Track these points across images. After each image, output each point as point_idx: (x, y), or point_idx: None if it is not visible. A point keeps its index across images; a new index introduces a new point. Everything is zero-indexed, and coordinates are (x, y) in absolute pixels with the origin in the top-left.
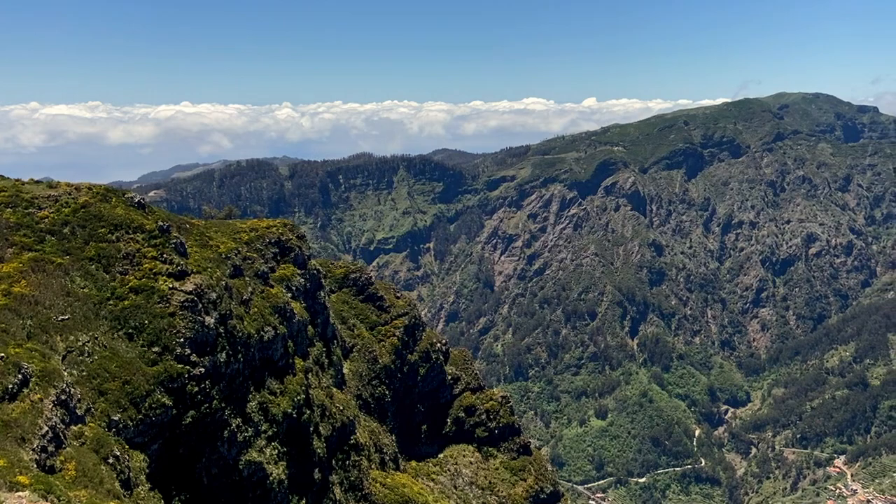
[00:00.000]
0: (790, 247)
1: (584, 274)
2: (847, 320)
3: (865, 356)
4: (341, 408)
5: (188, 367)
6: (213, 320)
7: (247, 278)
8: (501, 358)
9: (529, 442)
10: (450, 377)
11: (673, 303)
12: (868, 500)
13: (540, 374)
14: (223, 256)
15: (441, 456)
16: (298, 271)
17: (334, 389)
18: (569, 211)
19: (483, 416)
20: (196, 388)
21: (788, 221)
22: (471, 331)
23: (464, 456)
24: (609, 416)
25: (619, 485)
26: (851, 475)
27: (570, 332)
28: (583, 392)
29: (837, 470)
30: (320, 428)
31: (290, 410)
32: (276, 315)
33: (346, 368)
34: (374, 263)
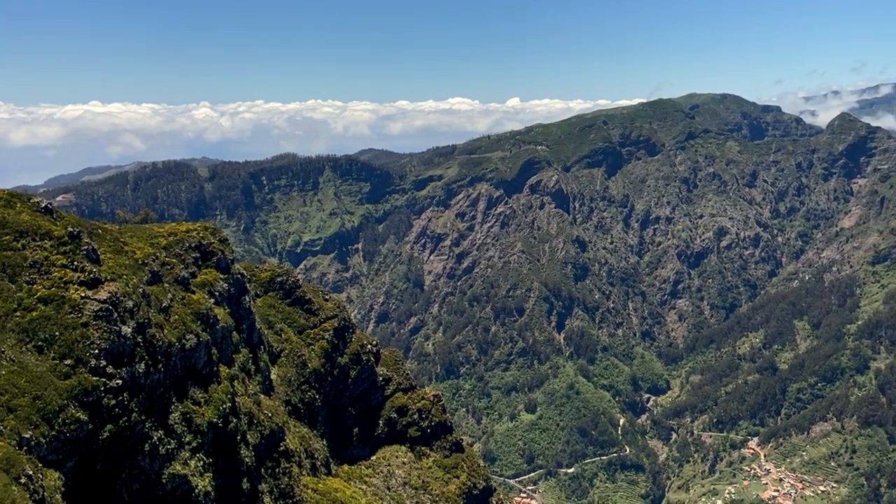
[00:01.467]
0: (703, 240)
1: (512, 271)
2: (756, 309)
3: (774, 342)
4: (270, 415)
5: (104, 379)
6: (130, 329)
7: (166, 285)
8: (433, 357)
9: (462, 439)
10: (381, 378)
11: (596, 297)
12: (780, 479)
13: (471, 371)
14: (140, 263)
15: (374, 458)
16: (221, 276)
17: (262, 396)
18: (496, 209)
19: (415, 416)
20: (113, 402)
21: (701, 216)
22: (401, 331)
23: (396, 457)
24: (538, 409)
25: (549, 476)
26: (764, 455)
27: (500, 329)
28: (513, 387)
29: (751, 451)
30: (248, 436)
31: (215, 420)
32: (199, 322)
33: (273, 374)
34: (302, 266)
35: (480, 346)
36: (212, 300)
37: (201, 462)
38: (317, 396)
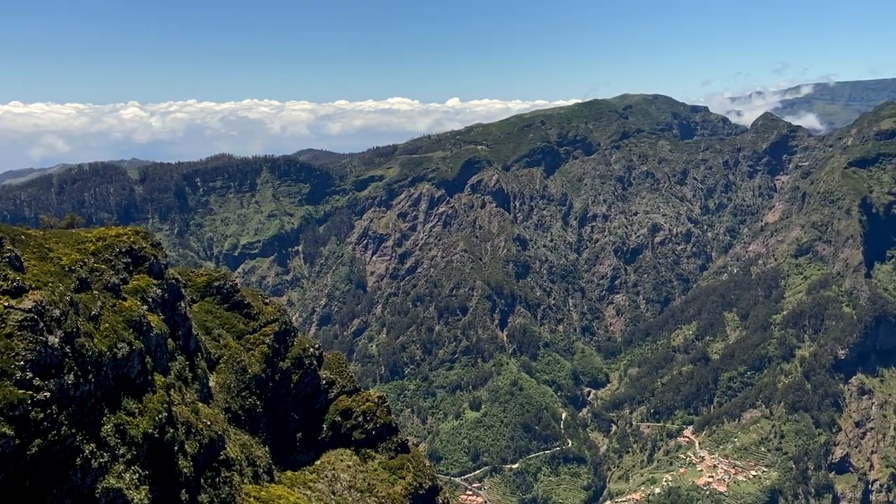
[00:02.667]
0: (638, 237)
1: (455, 270)
2: (689, 302)
3: (706, 333)
4: (208, 423)
5: (31, 392)
6: (57, 339)
7: (95, 292)
8: (377, 358)
9: (407, 440)
10: (324, 382)
11: (538, 294)
12: (714, 465)
13: (415, 371)
14: (67, 269)
15: (318, 463)
16: (154, 281)
17: (200, 404)
18: (437, 209)
19: (360, 419)
20: (41, 415)
21: (636, 213)
22: (345, 333)
23: (341, 460)
24: (483, 406)
25: (494, 473)
26: (699, 443)
27: (444, 328)
28: (457, 386)
29: (687, 439)
30: (186, 446)
31: (150, 431)
32: (131, 330)
33: (212, 381)
34: (240, 269)
35: (425, 345)
36: (145, 307)
37: (137, 474)
38: (258, 402)
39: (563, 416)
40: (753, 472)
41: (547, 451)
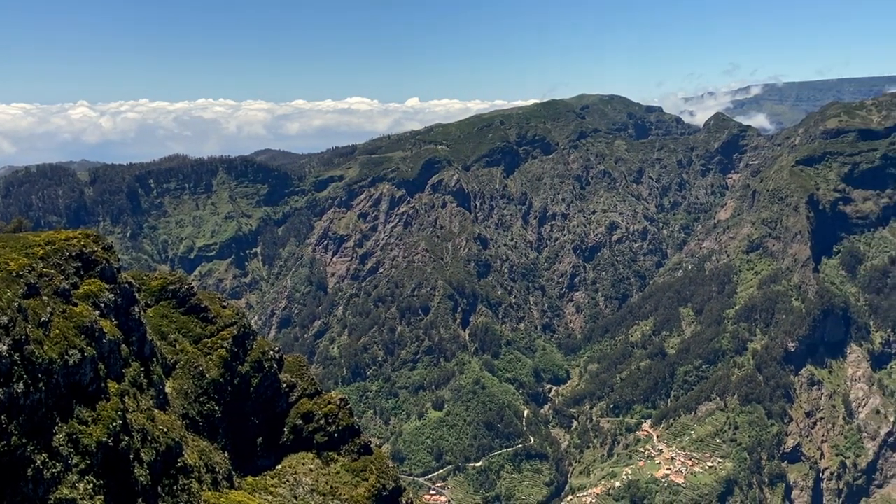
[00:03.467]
0: (596, 235)
1: (417, 270)
2: (646, 298)
3: (662, 329)
4: (165, 430)
5: None
6: (5, 347)
7: (45, 297)
8: (338, 360)
9: (370, 441)
10: (285, 385)
11: (499, 293)
12: (672, 458)
13: (378, 372)
14: (14, 275)
15: (279, 467)
16: (107, 286)
17: (156, 411)
18: (398, 209)
19: (322, 421)
20: None
21: (594, 212)
22: (305, 335)
23: (303, 464)
24: (446, 406)
25: (457, 472)
26: (657, 436)
27: (406, 329)
28: (420, 386)
29: (645, 433)
30: (142, 454)
31: (104, 439)
32: (83, 336)
33: (168, 387)
34: (196, 272)
35: (387, 346)
36: (97, 312)
37: (91, 484)
38: (216, 408)
39: (525, 413)
40: (709, 464)
41: (509, 449)
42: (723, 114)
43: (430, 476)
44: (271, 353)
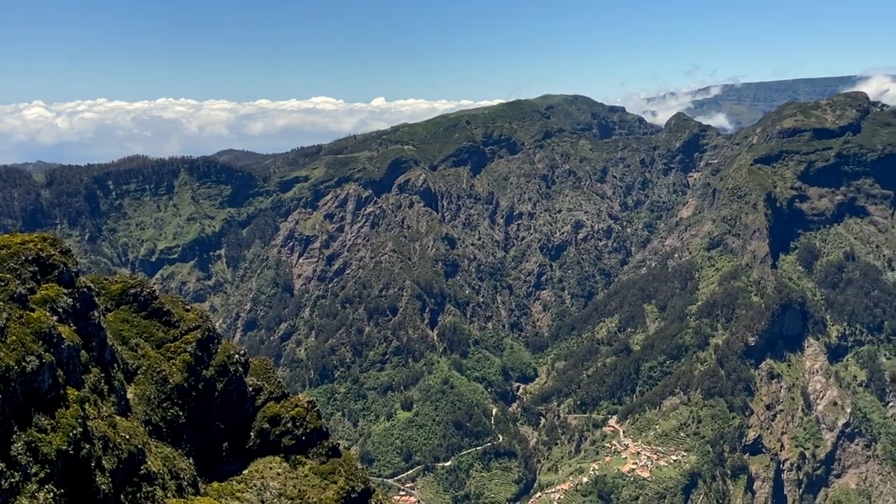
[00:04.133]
0: (562, 233)
1: (384, 271)
2: (611, 295)
3: (627, 325)
4: (127, 437)
5: None
6: None
7: (0, 303)
8: (305, 362)
9: (338, 443)
10: (251, 389)
11: (467, 292)
12: (637, 452)
13: (346, 374)
14: None
15: (246, 472)
16: (65, 291)
17: (118, 418)
18: (365, 209)
19: (289, 425)
20: None
21: (560, 211)
22: (271, 338)
23: (270, 468)
24: (415, 406)
25: (426, 472)
26: (623, 432)
27: (374, 329)
28: (388, 387)
29: (612, 429)
30: (103, 462)
31: (64, 447)
32: (40, 342)
33: (130, 393)
34: (158, 275)
35: (354, 347)
36: (55, 318)
37: (51, 494)
38: (180, 413)
39: (494, 411)
40: (674, 457)
41: (478, 448)
42: (684, 114)
43: (399, 477)
44: (236, 356)
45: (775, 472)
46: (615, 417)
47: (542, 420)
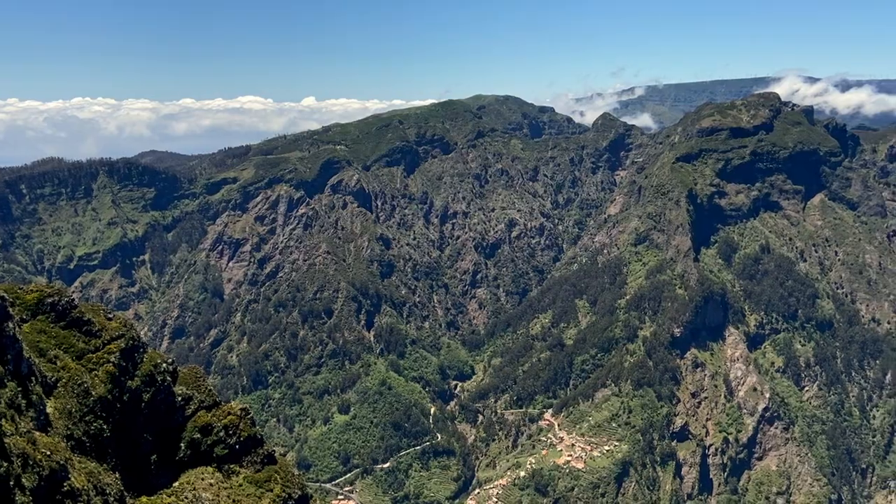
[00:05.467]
0: (496, 232)
1: (318, 273)
2: (544, 292)
3: (560, 321)
4: (48, 453)
5: None
6: None
7: None
8: (238, 369)
9: (274, 450)
10: (180, 398)
11: (403, 292)
12: (572, 444)
13: (280, 379)
14: None
15: (176, 484)
16: None
17: (37, 433)
18: (297, 211)
19: (221, 434)
20: None
21: (493, 210)
22: (201, 345)
23: (202, 479)
24: (352, 409)
25: (365, 474)
26: (558, 425)
27: (308, 333)
28: (325, 390)
29: (547, 422)
30: (23, 480)
31: None
32: None
33: (49, 407)
34: (77, 283)
35: (289, 352)
36: None
37: None
38: (105, 426)
39: (432, 410)
40: (607, 447)
41: (417, 447)
42: (609, 114)
43: (337, 481)
44: (164, 365)
45: (701, 457)
46: (550, 411)
47: (480, 417)
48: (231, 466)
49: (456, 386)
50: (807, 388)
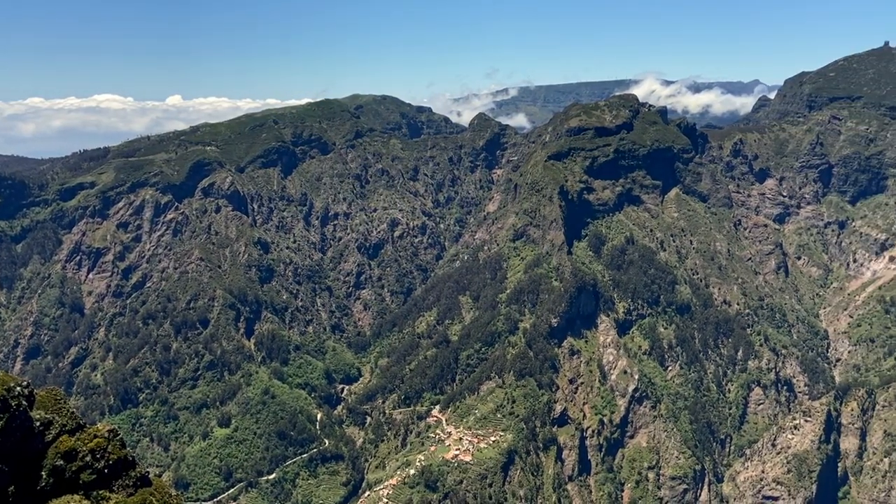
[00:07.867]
0: (379, 232)
1: (191, 281)
2: (429, 290)
3: (445, 318)
4: None
5: None
6: None
7: None
8: (104, 388)
9: (148, 472)
10: (39, 424)
11: (284, 297)
12: (460, 438)
13: (152, 395)
14: None
15: None
16: None
17: None
18: (165, 216)
19: (88, 458)
20: None
21: (375, 210)
22: (60, 364)
23: None
24: (233, 421)
25: (250, 488)
26: (446, 420)
27: (182, 345)
28: (203, 404)
29: (435, 419)
30: None
31: None
32: None
33: None
34: None
35: (161, 366)
36: None
37: None
38: None
39: (319, 416)
40: (493, 438)
41: (304, 455)
42: (485, 114)
43: (219, 498)
44: (18, 388)
45: (580, 439)
46: (438, 407)
47: (368, 419)
48: (100, 492)
49: (343, 389)
50: (670, 368)
